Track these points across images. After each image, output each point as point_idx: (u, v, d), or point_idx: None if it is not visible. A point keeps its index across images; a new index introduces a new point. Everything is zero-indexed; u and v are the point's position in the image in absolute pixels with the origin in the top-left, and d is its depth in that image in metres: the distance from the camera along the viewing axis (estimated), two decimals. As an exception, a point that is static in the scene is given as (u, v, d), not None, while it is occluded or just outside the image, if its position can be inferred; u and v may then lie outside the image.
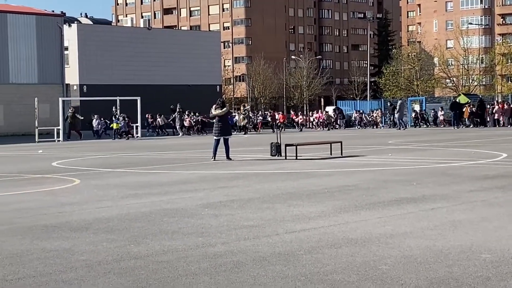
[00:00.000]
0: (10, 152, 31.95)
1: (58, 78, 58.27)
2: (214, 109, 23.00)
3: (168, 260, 7.94)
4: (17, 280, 7.15)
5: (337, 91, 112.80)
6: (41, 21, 57.68)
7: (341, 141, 24.83)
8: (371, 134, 43.95)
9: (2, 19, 55.55)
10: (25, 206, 12.71)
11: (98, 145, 37.53)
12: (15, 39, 56.05)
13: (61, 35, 58.55)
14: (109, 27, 76.20)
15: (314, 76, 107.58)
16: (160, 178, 17.60)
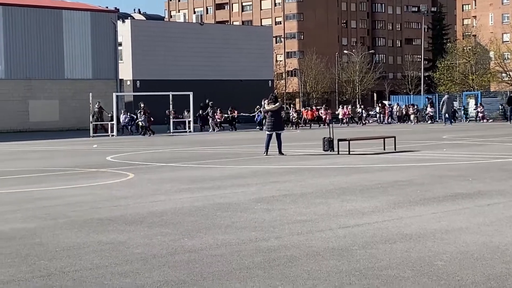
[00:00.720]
0: (65, 147, 32.41)
1: (112, 74, 58.91)
2: (267, 104, 23.00)
3: (222, 254, 7.97)
4: (74, 272, 7.24)
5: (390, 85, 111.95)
6: (96, 17, 58.36)
7: (394, 136, 24.63)
8: (424, 129, 43.50)
9: (58, 15, 56.34)
10: (80, 199, 12.88)
11: (151, 139, 37.84)
12: (70, 35, 56.82)
13: (115, 31, 59.16)
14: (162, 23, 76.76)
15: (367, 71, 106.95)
16: (213, 172, 17.67)
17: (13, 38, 54.19)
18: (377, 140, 25.56)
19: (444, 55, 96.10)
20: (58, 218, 10.80)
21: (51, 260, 7.83)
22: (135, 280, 6.88)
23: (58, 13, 56.42)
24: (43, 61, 55.58)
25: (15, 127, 53.74)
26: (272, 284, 6.65)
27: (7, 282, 6.93)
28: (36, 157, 25.92)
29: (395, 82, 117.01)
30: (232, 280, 6.81)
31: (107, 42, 58.52)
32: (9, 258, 8.01)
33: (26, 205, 12.27)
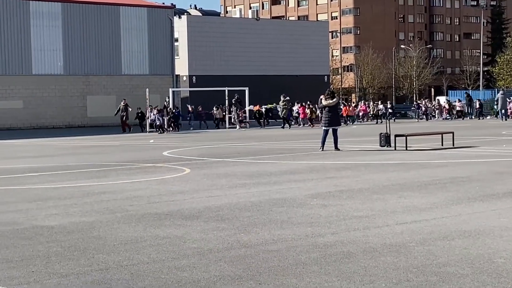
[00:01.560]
0: (123, 142, 32.78)
1: (169, 69, 59.35)
2: (324, 99, 22.91)
3: (278, 249, 7.96)
4: (131, 266, 7.31)
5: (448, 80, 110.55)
6: (152, 13, 58.85)
7: (452, 132, 24.31)
8: (483, 125, 42.87)
9: (115, 12, 56.97)
10: (138, 194, 13.01)
11: (205, 135, 38.03)
12: (127, 31, 57.41)
13: (171, 27, 59.59)
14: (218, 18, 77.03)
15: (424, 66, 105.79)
16: (268, 168, 17.67)
17: (72, 35, 54.98)
18: (434, 135, 25.27)
19: (503, 49, 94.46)
20: (116, 212, 10.92)
21: (109, 254, 7.92)
22: (192, 275, 6.92)
23: (115, 9, 57.05)
24: (101, 57, 56.28)
25: (73, 122, 54.55)
26: (328, 280, 6.62)
27: (66, 275, 7.02)
28: (94, 151, 26.26)
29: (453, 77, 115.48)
30: (288, 276, 6.79)
31: (164, 38, 58.97)
32: (68, 251, 8.12)
33: (85, 199, 12.44)
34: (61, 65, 54.92)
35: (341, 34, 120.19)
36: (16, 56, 53.02)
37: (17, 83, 53.32)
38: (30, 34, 53.37)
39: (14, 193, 13.72)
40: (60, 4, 54.56)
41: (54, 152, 26.40)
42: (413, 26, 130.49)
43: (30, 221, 10.25)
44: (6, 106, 52.80)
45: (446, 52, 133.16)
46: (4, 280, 6.84)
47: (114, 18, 56.90)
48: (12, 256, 7.93)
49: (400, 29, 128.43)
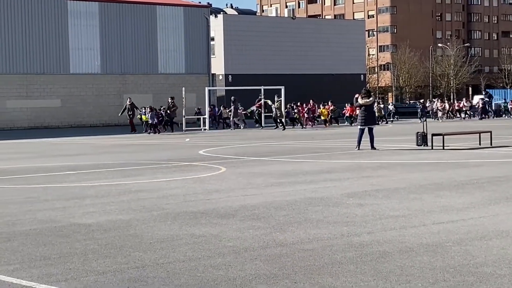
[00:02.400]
0: (159, 140, 32.95)
1: (205, 68, 59.54)
2: (360, 98, 22.82)
3: (313, 248, 7.94)
4: (167, 264, 7.35)
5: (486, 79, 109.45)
6: (189, 13, 59.07)
7: (490, 131, 24.07)
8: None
9: (151, 11, 57.29)
10: (174, 192, 13.07)
11: (242, 134, 38.07)
12: (163, 31, 57.70)
13: (207, 26, 59.77)
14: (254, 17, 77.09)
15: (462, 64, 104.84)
16: (304, 167, 17.65)
17: (109, 34, 55.41)
18: (472, 135, 25.04)
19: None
20: (153, 210, 10.98)
21: (146, 252, 7.97)
22: (227, 273, 6.93)
23: (152, 8, 57.37)
24: (137, 56, 56.64)
25: (110, 121, 54.94)
26: (364, 279, 6.59)
27: (103, 272, 7.08)
28: (130, 150, 26.44)
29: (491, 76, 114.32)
30: (324, 275, 6.78)
31: (200, 37, 59.17)
32: (105, 249, 8.19)
33: (122, 197, 12.53)
34: (98, 64, 55.37)
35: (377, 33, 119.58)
36: (54, 56, 53.58)
37: (55, 82, 53.87)
38: (68, 34, 53.89)
39: (52, 191, 13.86)
40: (97, 3, 55.00)
41: (91, 151, 26.63)
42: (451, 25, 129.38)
43: (68, 219, 10.35)
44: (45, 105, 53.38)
45: (484, 51, 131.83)
46: (42, 277, 6.92)
47: (151, 17, 57.22)
48: (50, 253, 8.02)
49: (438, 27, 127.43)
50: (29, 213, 11.02)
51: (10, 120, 52.11)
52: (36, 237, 9.02)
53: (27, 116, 52.96)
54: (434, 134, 22.58)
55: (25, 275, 7.00)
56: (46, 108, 53.42)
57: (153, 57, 57.42)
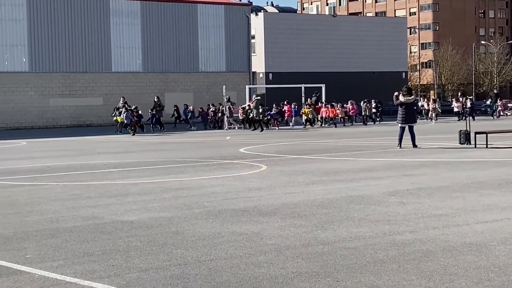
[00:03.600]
0: (200, 138, 33.07)
1: (245, 66, 59.62)
2: (401, 96, 22.66)
3: (355, 246, 7.90)
4: (209, 262, 7.37)
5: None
6: (229, 11, 59.20)
7: (534, 129, 23.74)
8: None
9: (193, 9, 57.52)
10: (215, 190, 13.10)
11: (282, 132, 38.04)
12: (204, 29, 57.91)
13: (248, 24, 59.84)
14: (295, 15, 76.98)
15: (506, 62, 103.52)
16: (346, 165, 17.57)
17: (150, 33, 55.76)
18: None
19: None
20: (194, 208, 11.02)
21: (187, 249, 7.99)
22: (269, 271, 6.93)
23: (193, 7, 57.60)
24: (178, 54, 56.92)
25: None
26: (407, 278, 6.54)
27: (145, 269, 7.12)
28: (172, 148, 26.57)
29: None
30: (366, 274, 6.74)
31: (241, 35, 59.27)
32: (147, 246, 8.24)
33: (164, 195, 12.60)
34: (139, 63, 55.74)
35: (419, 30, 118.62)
36: (97, 54, 54.07)
37: (97, 81, 54.38)
38: (110, 32, 54.35)
39: (95, 188, 13.99)
40: (139, 2, 55.39)
41: (133, 148, 26.82)
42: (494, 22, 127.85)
43: (111, 216, 10.44)
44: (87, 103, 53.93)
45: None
46: (86, 274, 6.98)
47: (192, 16, 57.45)
48: (93, 250, 8.09)
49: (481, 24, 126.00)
50: (72, 210, 11.13)
51: (53, 118, 52.74)
52: (79, 233, 9.11)
53: (69, 114, 53.52)
54: (477, 132, 22.33)
55: (69, 272, 7.07)
56: (88, 106, 53.96)
57: (194, 55, 57.65)
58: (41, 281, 6.76)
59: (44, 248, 8.24)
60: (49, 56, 52.47)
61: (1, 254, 7.98)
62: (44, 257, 7.77)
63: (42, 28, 52.01)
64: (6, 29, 50.91)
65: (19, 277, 6.94)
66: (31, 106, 51.06)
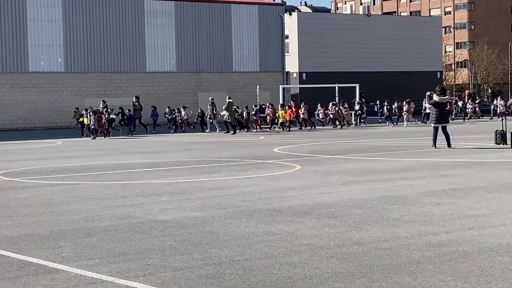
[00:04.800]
0: (234, 138, 33.12)
1: (279, 66, 59.56)
2: (435, 95, 22.49)
3: (390, 247, 7.86)
4: (244, 261, 7.37)
5: None
6: (263, 11, 59.19)
7: None
8: None
9: (226, 9, 57.61)
10: (249, 190, 13.11)
11: (315, 132, 37.95)
12: (238, 29, 57.97)
13: (282, 23, 59.79)
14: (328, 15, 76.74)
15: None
16: (380, 165, 17.49)
17: (184, 33, 55.95)
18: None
19: None
20: (228, 207, 11.04)
21: (222, 249, 8.01)
22: (304, 271, 6.92)
23: (227, 7, 57.69)
24: (212, 54, 57.04)
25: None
26: (443, 279, 6.49)
27: (180, 268, 7.15)
28: (205, 148, 26.63)
29: None
30: (402, 274, 6.70)
31: (274, 35, 59.23)
32: (182, 245, 8.27)
33: (198, 195, 12.64)
34: (173, 63, 55.98)
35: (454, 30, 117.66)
36: (131, 54, 54.39)
37: (131, 81, 54.70)
38: (144, 33, 54.65)
39: (130, 187, 14.08)
40: (173, 2, 55.60)
41: (166, 148, 26.93)
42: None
43: (145, 215, 10.49)
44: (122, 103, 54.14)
45: None
46: (121, 273, 7.02)
47: (226, 16, 57.55)
48: (128, 249, 8.14)
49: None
50: (108, 209, 11.21)
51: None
52: (114, 232, 9.17)
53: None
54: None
55: (105, 270, 7.12)
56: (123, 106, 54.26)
57: (228, 55, 57.73)
58: (77, 280, 6.81)
59: (80, 247, 8.31)
60: (84, 56, 52.89)
61: (38, 252, 8.07)
62: (80, 256, 7.83)
63: (77, 29, 52.44)
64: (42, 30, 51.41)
65: (55, 275, 7.01)
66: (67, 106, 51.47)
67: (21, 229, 9.59)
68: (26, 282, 6.76)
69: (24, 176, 16.82)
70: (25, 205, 11.89)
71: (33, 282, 6.75)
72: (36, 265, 7.45)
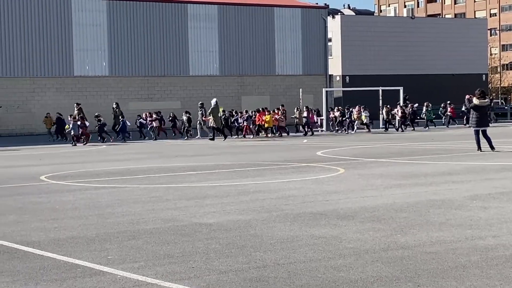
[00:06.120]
0: (278, 142, 33.10)
1: (322, 69, 59.44)
2: (475, 99, 22.21)
3: (436, 251, 7.78)
4: (288, 265, 7.36)
5: None
6: (306, 14, 59.13)
7: None
8: None
9: (269, 13, 57.66)
10: (293, 193, 13.09)
11: (358, 135, 37.75)
12: (281, 32, 57.97)
13: (325, 27, 59.67)
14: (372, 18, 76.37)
15: None
16: (425, 168, 17.33)
17: (227, 36, 56.12)
18: None
19: None
20: (272, 211, 11.03)
21: (266, 252, 8.00)
22: (348, 275, 6.88)
23: (269, 10, 57.73)
24: (255, 57, 57.12)
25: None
26: (490, 284, 6.41)
27: (225, 272, 7.16)
28: (248, 151, 26.66)
29: None
30: (448, 279, 6.63)
31: (317, 38, 59.13)
32: (226, 248, 8.28)
33: (241, 198, 12.65)
34: (216, 66, 56.19)
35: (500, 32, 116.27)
36: (175, 58, 54.73)
37: (175, 84, 55.03)
38: (187, 36, 54.94)
39: (174, 190, 14.15)
40: (216, 6, 55.84)
41: (209, 151, 27.02)
42: None
43: (190, 218, 10.53)
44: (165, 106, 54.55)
45: None
46: (166, 275, 7.05)
47: (269, 19, 57.60)
48: (173, 252, 8.18)
49: None
50: (152, 212, 11.28)
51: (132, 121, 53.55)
52: (159, 235, 9.22)
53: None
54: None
55: (150, 273, 7.16)
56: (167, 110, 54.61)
57: (271, 58, 57.77)
58: (123, 282, 6.86)
59: (125, 249, 8.37)
60: (128, 60, 53.37)
61: (84, 255, 8.15)
62: (126, 258, 7.89)
63: (121, 33, 52.93)
64: (87, 34, 51.99)
65: (101, 277, 7.07)
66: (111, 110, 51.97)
67: (67, 232, 9.70)
68: (72, 284, 6.83)
69: (70, 179, 17.01)
70: (71, 208, 12.02)
71: (80, 285, 6.82)
72: (82, 267, 7.52)
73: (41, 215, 11.30)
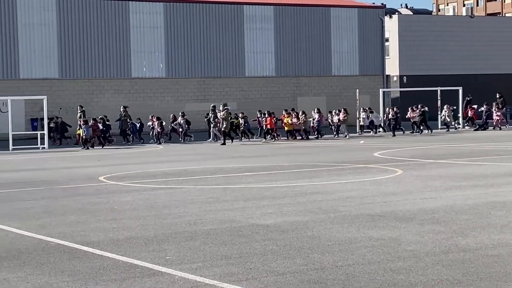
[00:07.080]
0: (332, 143, 32.94)
1: (379, 69, 58.96)
2: None
3: (498, 254, 7.63)
4: (346, 267, 7.29)
5: None
6: (363, 14, 58.74)
7: None
8: None
9: (326, 13, 57.44)
10: (350, 195, 12.99)
11: (416, 136, 37.31)
12: (337, 32, 57.72)
13: (382, 26, 59.19)
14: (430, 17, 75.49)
15: None
16: (485, 169, 17.04)
17: (283, 37, 56.08)
18: None
19: None
20: (329, 212, 10.96)
21: (324, 254, 7.94)
22: (408, 277, 6.78)
23: (326, 10, 57.52)
24: (311, 58, 56.94)
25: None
26: (555, 289, 6.25)
27: (282, 273, 7.12)
28: (304, 152, 26.56)
29: None
30: (511, 283, 6.48)
31: (374, 38, 58.69)
32: (283, 250, 8.24)
33: (298, 199, 12.60)
34: (272, 67, 56.19)
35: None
36: (231, 59, 54.89)
37: (231, 85, 55.18)
38: (244, 37, 55.06)
39: (230, 191, 14.16)
40: (272, 7, 55.86)
41: (266, 152, 27.00)
42: None
43: (247, 219, 10.52)
44: (221, 108, 54.81)
45: None
46: (224, 276, 7.04)
47: (325, 19, 57.40)
48: (230, 253, 8.17)
49: None
50: (209, 213, 11.30)
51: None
52: (216, 236, 9.23)
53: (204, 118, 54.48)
54: None
55: (208, 274, 7.16)
56: (223, 110, 54.83)
57: (327, 58, 57.55)
58: (181, 283, 6.87)
59: (183, 250, 8.39)
60: (185, 62, 53.71)
61: (142, 255, 8.19)
62: (183, 259, 7.90)
63: (178, 34, 53.31)
64: (144, 37, 52.49)
65: (160, 278, 7.09)
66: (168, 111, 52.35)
67: (126, 232, 9.77)
68: (131, 284, 6.87)
69: (127, 180, 17.16)
70: (129, 209, 12.12)
71: (139, 285, 6.85)
72: (141, 267, 7.56)
73: (100, 215, 11.42)
